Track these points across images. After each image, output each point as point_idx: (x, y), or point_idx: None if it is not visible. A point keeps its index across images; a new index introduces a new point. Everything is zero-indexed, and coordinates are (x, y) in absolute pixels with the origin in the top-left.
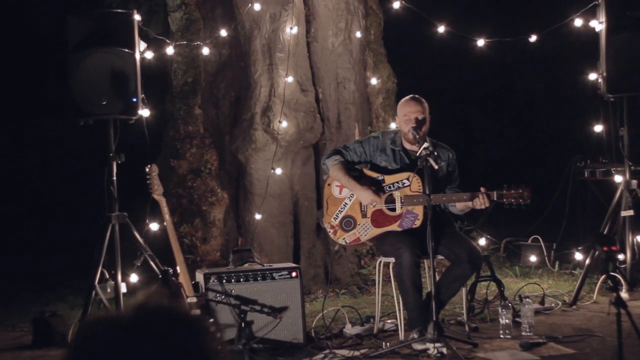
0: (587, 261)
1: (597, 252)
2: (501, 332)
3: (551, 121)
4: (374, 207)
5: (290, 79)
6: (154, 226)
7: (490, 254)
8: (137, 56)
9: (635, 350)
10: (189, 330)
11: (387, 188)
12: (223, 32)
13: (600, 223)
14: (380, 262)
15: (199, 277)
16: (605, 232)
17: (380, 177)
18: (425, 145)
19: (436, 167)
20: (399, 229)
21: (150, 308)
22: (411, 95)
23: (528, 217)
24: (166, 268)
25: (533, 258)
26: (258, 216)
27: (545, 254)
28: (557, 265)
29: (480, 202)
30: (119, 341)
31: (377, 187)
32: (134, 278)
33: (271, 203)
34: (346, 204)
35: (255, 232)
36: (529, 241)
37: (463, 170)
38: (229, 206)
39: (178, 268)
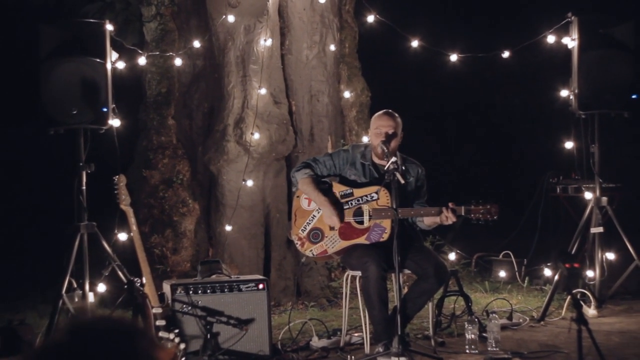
0: (556, 277)
1: (559, 269)
2: (467, 347)
3: (526, 136)
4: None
5: (263, 91)
6: (122, 236)
7: (462, 269)
8: (109, 66)
9: None
10: (123, 336)
11: (356, 201)
12: (196, 43)
13: (572, 239)
14: (348, 275)
15: (166, 287)
16: (572, 249)
17: (348, 190)
18: (393, 159)
19: (402, 181)
20: (367, 242)
21: (81, 327)
22: (385, 110)
23: (500, 232)
24: (132, 278)
25: (503, 273)
26: (229, 227)
27: (516, 269)
28: (527, 281)
29: (448, 217)
30: None
31: (343, 208)
32: (101, 288)
33: (242, 215)
34: (314, 216)
35: (226, 244)
36: (500, 256)
37: (437, 184)
38: (200, 217)
39: (144, 278)
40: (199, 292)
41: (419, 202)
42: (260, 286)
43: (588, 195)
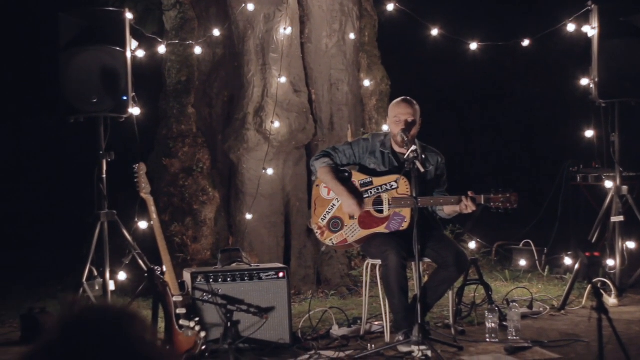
0: (576, 266)
1: (580, 258)
2: (487, 335)
3: (546, 125)
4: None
5: (283, 79)
6: (142, 224)
7: (482, 257)
8: (129, 55)
9: (617, 357)
10: (112, 324)
11: (375, 190)
12: (216, 32)
13: (592, 228)
14: (368, 264)
15: (186, 276)
16: (593, 238)
17: (368, 179)
18: (413, 148)
19: (422, 170)
20: (386, 231)
21: (68, 323)
22: (403, 98)
23: (521, 221)
24: (152, 266)
25: (523, 262)
26: (249, 216)
27: (536, 258)
28: (547, 270)
29: (467, 206)
30: None
31: (362, 196)
32: (122, 276)
33: (262, 203)
34: (334, 205)
35: (246, 232)
36: (521, 245)
37: (457, 172)
38: (221, 205)
39: (164, 267)
40: (220, 280)
41: (439, 190)
42: (281, 275)
43: (608, 184)
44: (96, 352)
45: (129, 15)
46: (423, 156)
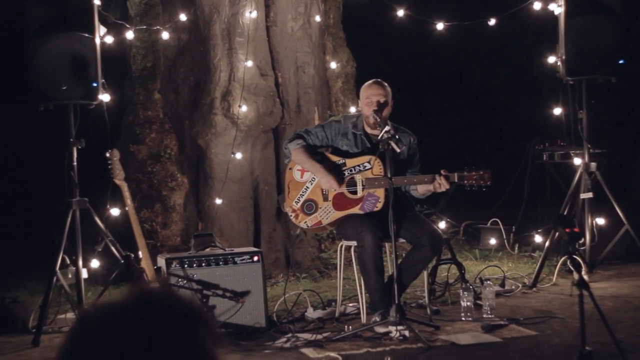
0: (547, 243)
1: (557, 234)
2: (462, 314)
3: (510, 104)
4: (334, 190)
5: (249, 63)
6: (115, 211)
7: (450, 237)
8: (97, 41)
9: (596, 332)
10: (191, 322)
11: (349, 171)
12: (182, 17)
13: (559, 206)
14: (342, 245)
15: (161, 262)
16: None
17: (341, 160)
18: (387, 128)
19: (398, 150)
20: (361, 212)
21: (154, 296)
22: (374, 79)
23: (487, 200)
24: (128, 253)
25: (492, 241)
26: (218, 201)
27: (504, 236)
28: (516, 248)
29: (441, 184)
30: (120, 328)
31: (338, 174)
32: (95, 264)
33: (231, 188)
34: (307, 187)
35: (216, 217)
36: (489, 224)
37: (422, 154)
38: (189, 191)
39: (140, 253)
40: (194, 265)
41: (412, 170)
42: (255, 258)
43: (577, 161)
44: (163, 332)
45: (96, 1)
46: (397, 136)
